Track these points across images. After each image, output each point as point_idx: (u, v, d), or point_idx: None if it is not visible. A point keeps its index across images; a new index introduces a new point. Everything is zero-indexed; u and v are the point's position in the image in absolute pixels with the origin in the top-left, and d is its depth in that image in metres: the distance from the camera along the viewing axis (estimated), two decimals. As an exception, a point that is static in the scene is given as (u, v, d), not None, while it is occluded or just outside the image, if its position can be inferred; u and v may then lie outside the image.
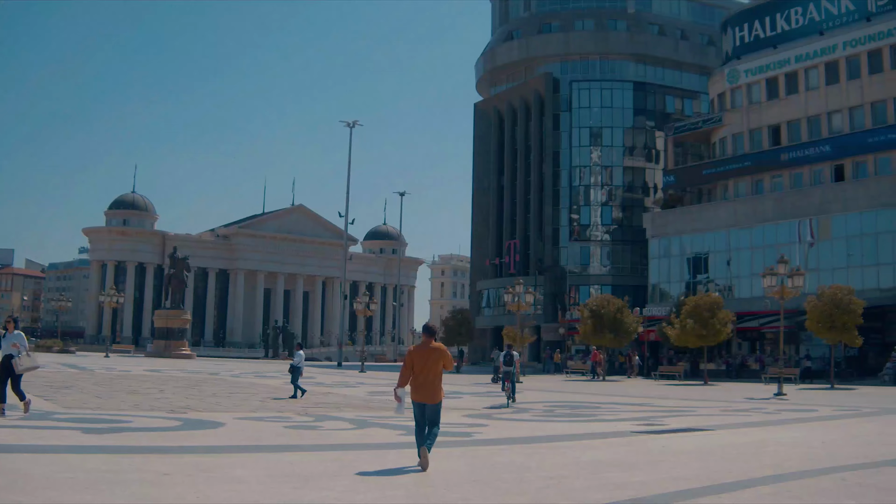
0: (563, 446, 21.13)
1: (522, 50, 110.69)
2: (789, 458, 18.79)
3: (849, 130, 77.63)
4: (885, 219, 71.60)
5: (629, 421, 28.21)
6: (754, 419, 30.12)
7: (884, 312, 67.70)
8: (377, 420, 25.75)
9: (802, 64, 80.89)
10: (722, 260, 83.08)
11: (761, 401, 40.82)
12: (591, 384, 59.70)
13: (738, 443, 22.16)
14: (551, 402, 37.36)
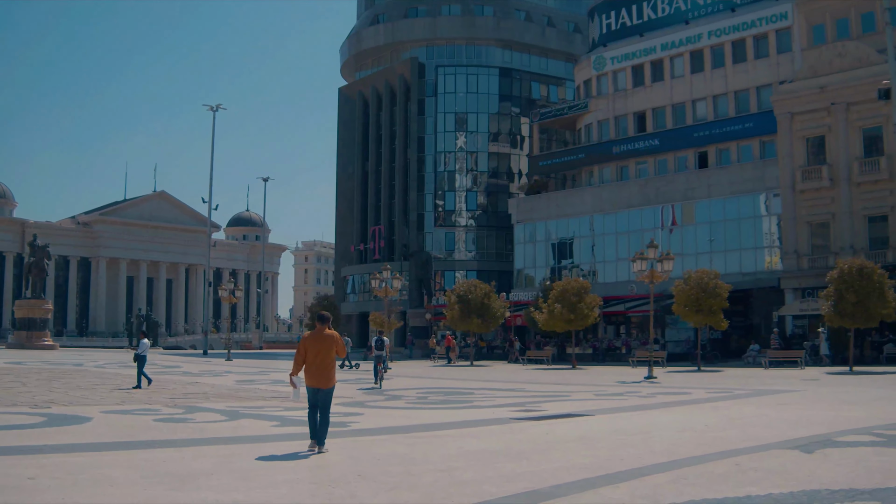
0: (446, 435, 20.43)
1: (388, 34, 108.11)
2: (679, 443, 18.23)
3: (713, 118, 77.52)
4: (747, 204, 72.07)
5: (505, 407, 27.62)
6: (631, 403, 29.55)
7: (746, 296, 67.83)
8: (249, 411, 25.03)
9: (668, 52, 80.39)
10: (587, 245, 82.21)
11: (634, 384, 40.34)
12: (462, 369, 58.65)
13: (623, 428, 21.54)
14: (423, 389, 36.89)
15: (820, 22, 71.97)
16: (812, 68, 68.10)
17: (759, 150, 74.25)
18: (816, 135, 67.50)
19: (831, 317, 50.48)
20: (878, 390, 34.58)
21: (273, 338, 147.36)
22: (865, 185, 64.56)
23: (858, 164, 64.92)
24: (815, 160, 67.29)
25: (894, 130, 47.37)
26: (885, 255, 61.41)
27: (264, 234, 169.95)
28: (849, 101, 65.41)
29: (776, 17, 73.96)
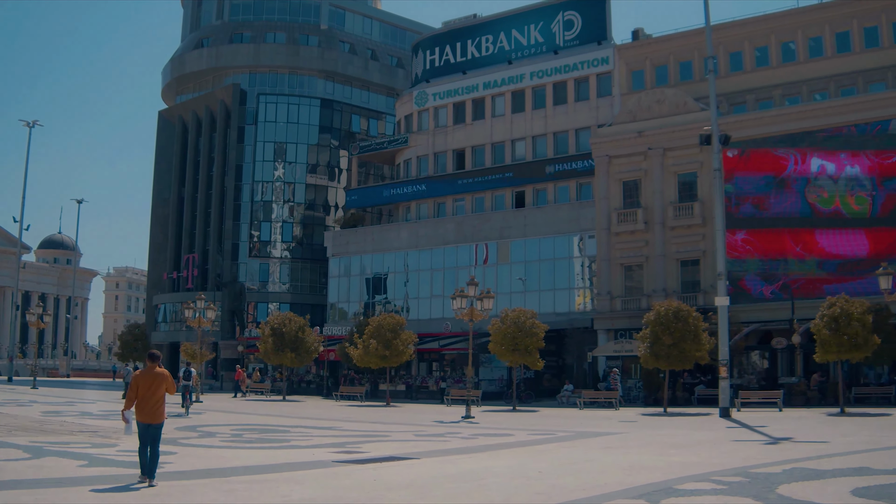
0: (266, 481, 18.57)
1: (212, 58, 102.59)
2: (516, 492, 17.29)
3: (531, 158, 75.17)
4: (562, 245, 70.28)
5: (325, 447, 25.90)
6: (455, 445, 28.30)
7: (559, 336, 65.68)
8: (55, 447, 23.01)
9: (490, 91, 77.98)
10: (401, 281, 78.95)
11: (453, 424, 38.73)
12: (275, 404, 56.68)
13: (453, 474, 20.10)
14: (238, 425, 35.18)
15: (640, 68, 71.06)
16: (631, 113, 66.79)
17: (575, 191, 72.31)
18: (633, 178, 66.15)
19: (647, 358, 48.82)
20: (699, 433, 32.90)
21: (81, 365, 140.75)
22: (679, 229, 63.51)
23: (673, 209, 63.83)
24: (630, 203, 65.92)
25: (715, 176, 45.46)
26: (697, 299, 60.14)
27: (76, 259, 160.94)
28: (665, 146, 64.42)
29: (598, 62, 72.45)
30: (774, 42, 66.27)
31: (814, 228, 59.17)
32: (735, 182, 60.88)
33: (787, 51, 66.21)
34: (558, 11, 75.94)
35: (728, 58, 66.92)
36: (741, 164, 61.20)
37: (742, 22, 67.24)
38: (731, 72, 66.82)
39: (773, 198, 60.52)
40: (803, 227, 59.47)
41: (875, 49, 62.92)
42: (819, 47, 64.88)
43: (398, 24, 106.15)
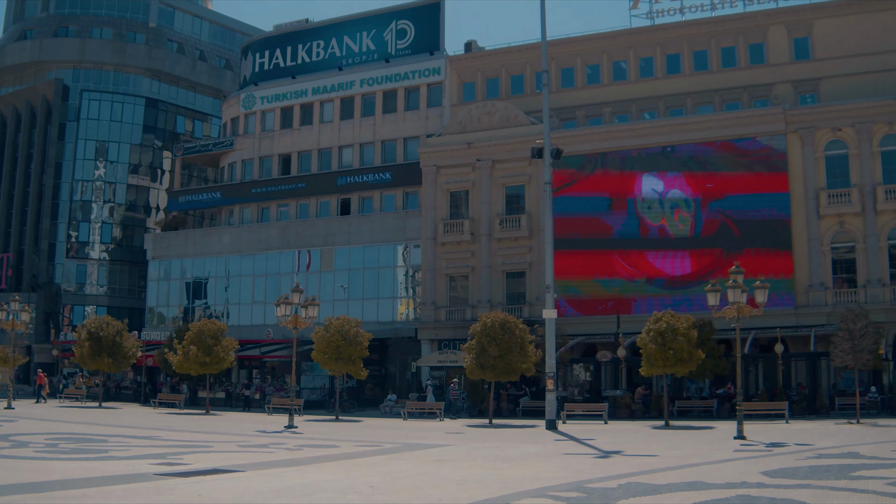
0: (84, 496, 16.94)
1: (35, 51, 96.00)
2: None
3: (358, 166, 72.85)
4: (387, 253, 68.54)
5: (146, 459, 24.47)
6: (280, 457, 26.94)
7: (383, 345, 63.51)
8: None
9: (319, 97, 75.37)
10: (221, 286, 75.48)
11: (276, 434, 37.32)
12: (91, 412, 53.77)
13: (281, 488, 18.96)
14: (52, 434, 33.27)
15: (472, 80, 69.74)
16: (461, 124, 65.52)
17: (402, 200, 70.39)
18: (461, 189, 65.12)
19: (472, 369, 47.38)
20: (528, 446, 31.95)
21: None
22: (506, 241, 62.78)
23: (499, 221, 62.96)
24: (457, 214, 64.93)
25: (545, 189, 44.37)
26: (522, 311, 59.43)
27: None
28: (494, 158, 63.62)
29: (429, 72, 70.77)
30: (606, 60, 65.89)
31: (643, 250, 59.58)
32: (565, 200, 60.12)
33: (618, 70, 65.90)
34: (391, 20, 74.02)
35: (560, 74, 66.27)
36: (575, 184, 60.90)
37: (575, 39, 66.66)
38: (563, 87, 66.18)
39: (604, 217, 60.48)
40: (632, 248, 59.75)
41: (703, 72, 63.34)
42: (650, 68, 64.90)
43: (228, 25, 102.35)
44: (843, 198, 56.31)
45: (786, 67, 61.54)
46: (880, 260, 55.56)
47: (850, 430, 37.24)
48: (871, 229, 55.75)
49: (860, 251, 56.01)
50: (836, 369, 52.23)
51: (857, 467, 22.08)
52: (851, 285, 55.93)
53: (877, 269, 55.37)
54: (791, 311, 55.56)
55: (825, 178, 57.07)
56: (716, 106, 62.24)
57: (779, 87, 60.99)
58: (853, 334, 43.78)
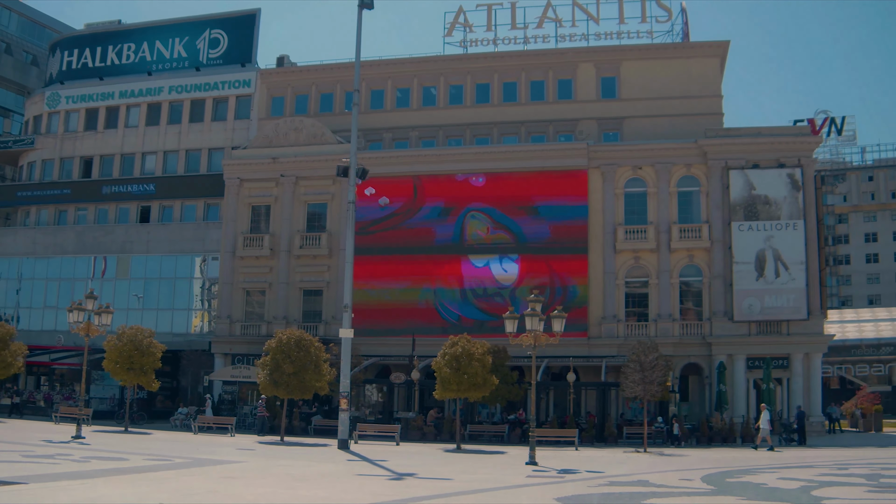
0: None
1: None
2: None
3: (161, 173, 69.00)
4: (185, 264, 65.60)
5: None
6: (67, 469, 25.41)
7: (176, 357, 60.55)
8: None
9: (126, 100, 71.24)
10: (13, 288, 70.32)
11: (62, 445, 35.33)
12: None
13: (67, 503, 17.85)
14: None
15: (281, 94, 67.25)
16: (267, 138, 63.19)
17: (203, 211, 67.07)
18: (263, 203, 63.00)
19: (266, 386, 45.16)
20: (322, 465, 31.40)
21: None
22: (305, 258, 61.14)
23: (300, 238, 61.22)
24: (258, 228, 62.67)
25: (348, 209, 42.62)
26: (318, 329, 57.68)
27: None
28: (299, 174, 61.89)
29: (239, 83, 67.89)
30: (417, 85, 64.59)
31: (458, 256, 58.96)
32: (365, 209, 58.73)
33: (428, 95, 64.69)
34: (205, 29, 70.73)
35: (370, 95, 64.54)
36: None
37: (388, 62, 65.13)
38: (372, 109, 64.40)
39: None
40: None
41: (512, 104, 62.79)
42: (459, 95, 63.89)
43: (38, 19, 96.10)
44: (640, 234, 56.60)
45: (592, 104, 61.55)
46: (671, 296, 56.20)
47: (639, 459, 37.20)
48: (664, 266, 56.24)
49: (653, 286, 56.45)
50: (624, 399, 52.22)
51: (648, 495, 22.10)
52: (643, 319, 56.24)
53: (668, 305, 55.92)
54: (584, 342, 55.28)
55: (623, 214, 57.20)
56: (521, 137, 61.69)
57: (584, 124, 60.92)
58: (643, 366, 43.62)
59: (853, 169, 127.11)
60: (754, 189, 56.09)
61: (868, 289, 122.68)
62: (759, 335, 55.30)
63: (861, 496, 22.05)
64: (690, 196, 57.36)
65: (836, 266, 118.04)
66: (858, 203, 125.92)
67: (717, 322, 55.45)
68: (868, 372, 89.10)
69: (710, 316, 55.90)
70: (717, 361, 54.09)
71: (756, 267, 55.35)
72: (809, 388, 55.02)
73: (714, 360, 54.70)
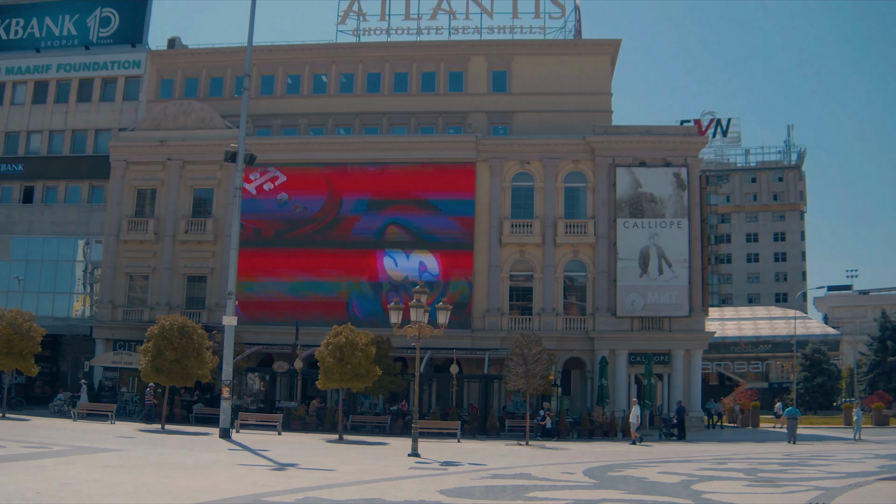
0: None
1: None
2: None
3: (46, 153, 66.24)
4: (67, 247, 63.56)
5: None
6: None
7: (56, 342, 58.68)
8: None
9: (13, 77, 68.13)
10: None
11: None
12: None
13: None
14: None
15: (171, 77, 65.40)
16: (155, 121, 61.48)
17: (88, 193, 64.59)
18: (149, 187, 61.20)
19: (148, 373, 43.62)
20: (203, 454, 30.09)
21: None
22: (190, 243, 59.65)
23: (186, 223, 59.72)
24: (143, 212, 60.89)
25: (235, 194, 41.40)
26: (201, 316, 56.41)
27: None
28: (186, 159, 60.33)
29: (129, 64, 65.67)
30: (308, 72, 63.46)
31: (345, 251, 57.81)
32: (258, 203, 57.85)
33: (319, 83, 63.56)
34: (97, 6, 67.98)
35: (261, 80, 63.23)
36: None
37: (280, 48, 63.90)
38: (262, 95, 63.16)
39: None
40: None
41: (402, 94, 62.14)
42: (350, 84, 62.89)
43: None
44: (526, 228, 56.42)
45: (483, 98, 61.20)
46: (556, 290, 56.20)
47: (521, 452, 36.82)
48: (549, 260, 56.18)
49: (538, 280, 56.35)
50: (507, 392, 51.91)
51: (531, 488, 21.94)
52: (527, 313, 56.06)
53: (552, 299, 55.90)
54: (468, 334, 54.91)
55: (510, 208, 56.93)
56: (411, 128, 61.10)
57: (474, 116, 60.54)
58: (526, 359, 43.30)
59: (737, 170, 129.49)
60: (640, 187, 56.32)
61: (748, 288, 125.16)
62: (642, 331, 55.64)
63: (740, 490, 21.99)
64: (577, 192, 57.39)
65: (717, 265, 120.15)
66: (741, 203, 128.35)
67: (601, 317, 55.61)
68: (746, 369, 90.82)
69: (593, 311, 56.07)
70: (600, 356, 54.22)
71: (640, 264, 55.60)
72: (690, 383, 55.56)
73: (596, 354, 54.85)
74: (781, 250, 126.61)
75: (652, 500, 19.96)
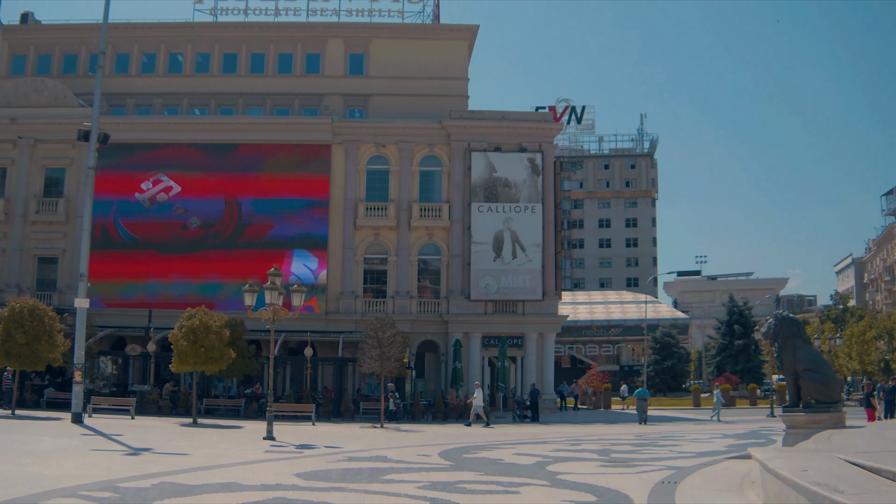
0: None
1: None
2: None
3: None
4: None
5: None
6: None
7: None
8: None
9: None
10: None
11: None
12: None
13: None
14: None
15: (23, 53, 62.72)
16: (6, 98, 58.97)
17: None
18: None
19: (-1, 357, 41.86)
20: (55, 440, 29.24)
21: None
22: (41, 224, 57.45)
23: (37, 203, 57.48)
24: (-7, 191, 58.14)
25: (87, 174, 39.99)
26: (52, 298, 54.25)
27: None
28: (38, 137, 58.01)
29: (-22, 38, 63.11)
30: (164, 51, 61.68)
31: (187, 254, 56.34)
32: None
33: (174, 62, 61.89)
34: (-55, -18, 65.59)
35: (116, 58, 61.19)
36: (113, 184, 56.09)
37: (136, 25, 61.92)
38: (117, 73, 61.09)
39: (143, 219, 56.95)
40: (169, 254, 56.36)
41: (259, 75, 61.11)
42: (206, 64, 61.49)
43: None
44: (381, 211, 56.17)
45: (339, 80, 60.56)
46: (410, 273, 56.09)
47: (376, 434, 36.68)
48: (403, 243, 56.05)
49: (392, 263, 56.20)
50: (361, 375, 51.53)
51: (387, 470, 21.80)
52: (381, 296, 55.87)
53: (405, 282, 55.81)
54: (322, 317, 54.46)
55: (365, 190, 56.64)
56: (266, 110, 60.12)
57: (330, 99, 59.85)
58: (381, 342, 43.05)
59: (590, 157, 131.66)
60: (495, 171, 56.58)
61: (600, 272, 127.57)
62: (495, 314, 55.97)
63: (594, 471, 22.12)
64: (432, 176, 57.40)
65: (570, 249, 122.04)
66: (594, 190, 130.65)
67: (455, 301, 55.76)
68: (598, 352, 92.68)
69: (447, 294, 56.21)
70: (454, 339, 54.35)
71: (494, 248, 55.89)
72: (543, 366, 56.21)
73: (450, 337, 54.97)
74: (633, 236, 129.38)
75: (508, 480, 19.98)
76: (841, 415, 22.02)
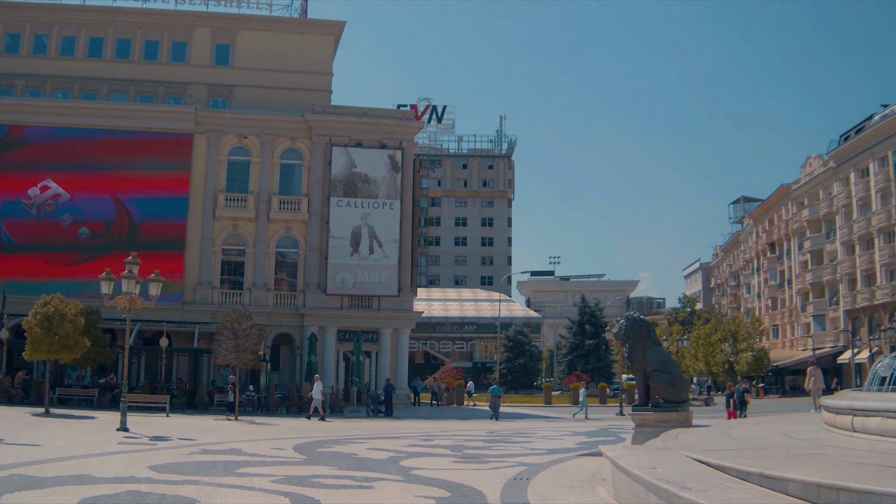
0: None
1: None
2: None
3: None
4: None
5: None
6: None
7: None
8: None
9: None
10: None
11: None
12: None
13: None
14: None
15: None
16: None
17: None
18: None
19: None
20: None
21: None
22: None
23: None
24: None
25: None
26: None
27: None
28: None
29: None
30: (29, 32, 59.07)
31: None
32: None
33: (39, 43, 59.42)
34: None
35: (6, 37, 58.76)
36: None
37: (29, 5, 59.16)
38: (7, 52, 58.64)
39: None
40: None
41: (124, 61, 59.24)
42: (72, 47, 59.17)
43: None
44: (240, 202, 55.45)
45: (204, 70, 59.41)
46: (267, 266, 55.62)
47: (230, 427, 36.35)
48: (262, 235, 55.49)
49: (249, 255, 55.59)
50: (216, 366, 50.68)
51: (242, 464, 21.66)
52: (238, 287, 55.13)
53: (263, 274, 55.32)
54: (178, 307, 53.34)
55: (226, 181, 55.79)
56: (130, 96, 58.38)
57: (194, 88, 58.68)
58: (237, 334, 42.61)
59: (449, 156, 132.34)
60: (355, 167, 56.48)
61: (455, 270, 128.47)
62: (351, 309, 55.91)
63: (447, 466, 22.22)
64: (293, 169, 56.91)
65: (427, 247, 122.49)
66: (452, 188, 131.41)
67: (311, 294, 55.44)
68: (452, 348, 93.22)
69: (304, 288, 55.89)
70: (309, 332, 53.94)
71: (352, 242, 55.80)
72: (397, 361, 56.41)
73: (306, 331, 54.57)
74: (489, 235, 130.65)
75: (363, 475, 19.98)
76: (688, 414, 22.68)
